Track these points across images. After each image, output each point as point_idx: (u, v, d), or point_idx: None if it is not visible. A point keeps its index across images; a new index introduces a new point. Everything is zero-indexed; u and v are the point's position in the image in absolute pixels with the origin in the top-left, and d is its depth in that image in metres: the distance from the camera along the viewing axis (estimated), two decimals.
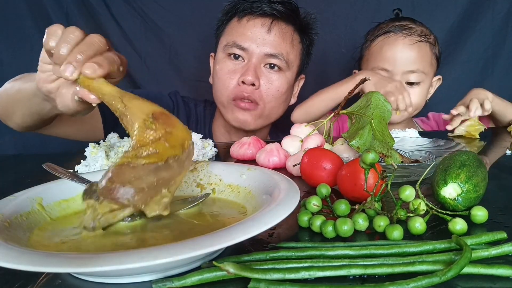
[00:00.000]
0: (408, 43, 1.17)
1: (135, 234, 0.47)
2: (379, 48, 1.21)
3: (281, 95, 1.18)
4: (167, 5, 1.57)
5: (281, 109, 1.23)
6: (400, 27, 1.20)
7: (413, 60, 1.17)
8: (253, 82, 1.12)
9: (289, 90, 1.21)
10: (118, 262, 0.33)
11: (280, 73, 1.16)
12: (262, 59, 1.14)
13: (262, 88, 1.14)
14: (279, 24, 1.15)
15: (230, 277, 0.38)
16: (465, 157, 0.55)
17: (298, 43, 1.19)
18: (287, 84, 1.18)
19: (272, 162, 0.81)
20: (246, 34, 1.13)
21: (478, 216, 0.50)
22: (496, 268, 0.38)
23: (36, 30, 1.51)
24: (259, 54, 1.13)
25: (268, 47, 1.13)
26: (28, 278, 0.41)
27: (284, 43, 1.15)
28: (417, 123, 1.39)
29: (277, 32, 1.14)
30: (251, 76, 1.11)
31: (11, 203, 0.50)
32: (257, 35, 1.13)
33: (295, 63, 1.19)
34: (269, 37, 1.13)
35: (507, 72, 1.62)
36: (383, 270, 0.39)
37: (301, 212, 0.52)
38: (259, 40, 1.13)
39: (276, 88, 1.16)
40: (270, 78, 1.15)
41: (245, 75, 1.12)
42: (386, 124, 0.77)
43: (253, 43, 1.13)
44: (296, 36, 1.18)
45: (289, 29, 1.16)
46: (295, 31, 1.18)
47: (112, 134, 0.86)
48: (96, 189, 0.47)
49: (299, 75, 1.26)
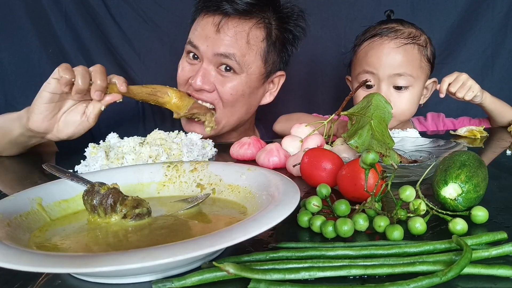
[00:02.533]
0: (393, 46, 1.14)
1: (137, 233, 0.47)
2: (364, 52, 1.18)
3: (237, 99, 1.09)
4: (167, 5, 1.57)
5: (242, 112, 1.13)
6: (387, 30, 1.17)
7: (399, 64, 1.14)
8: (201, 87, 1.05)
9: (249, 93, 1.11)
10: (118, 262, 0.33)
11: (233, 75, 1.06)
12: (213, 59, 1.05)
13: (217, 91, 1.07)
14: (232, 22, 1.04)
15: (230, 278, 0.38)
16: (465, 157, 0.55)
17: (259, 41, 1.07)
18: (243, 86, 1.08)
19: (272, 162, 0.81)
20: (198, 31, 1.06)
21: (478, 216, 0.50)
22: (497, 269, 0.38)
23: (34, 31, 1.50)
24: (209, 54, 1.04)
25: (217, 47, 1.03)
26: (28, 278, 0.41)
27: (237, 43, 1.04)
28: (413, 122, 1.38)
29: (230, 31, 1.03)
30: (200, 81, 1.04)
31: (11, 203, 0.50)
32: (208, 34, 1.04)
33: (254, 63, 1.07)
34: (219, 36, 1.03)
35: (507, 72, 1.62)
36: (384, 271, 0.39)
37: (301, 212, 0.52)
38: (210, 39, 1.04)
39: (229, 92, 1.07)
40: (223, 81, 1.06)
41: (193, 78, 1.05)
42: (386, 125, 0.77)
43: (204, 42, 1.04)
44: (256, 33, 1.06)
45: (245, 27, 1.05)
46: (255, 28, 1.06)
47: (112, 134, 0.86)
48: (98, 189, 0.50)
49: (270, 74, 1.14)
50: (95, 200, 0.50)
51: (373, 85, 1.16)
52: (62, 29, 1.52)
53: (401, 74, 1.13)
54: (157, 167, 0.63)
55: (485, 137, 1.09)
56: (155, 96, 0.98)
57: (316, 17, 1.53)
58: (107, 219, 0.50)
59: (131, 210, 0.50)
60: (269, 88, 1.18)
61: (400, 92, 1.15)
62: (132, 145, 0.81)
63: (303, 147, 0.82)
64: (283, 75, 1.19)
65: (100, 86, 0.86)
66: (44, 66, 1.52)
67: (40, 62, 1.52)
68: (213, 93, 1.07)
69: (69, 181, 0.57)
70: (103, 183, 0.52)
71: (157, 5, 1.57)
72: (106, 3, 1.54)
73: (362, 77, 1.17)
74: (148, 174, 0.62)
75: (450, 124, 1.38)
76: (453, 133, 1.16)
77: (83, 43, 1.55)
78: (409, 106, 1.17)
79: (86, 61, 1.56)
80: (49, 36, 1.51)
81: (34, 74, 1.53)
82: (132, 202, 0.50)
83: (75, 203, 0.55)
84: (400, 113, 1.16)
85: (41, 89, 0.85)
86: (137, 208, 0.50)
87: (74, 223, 0.52)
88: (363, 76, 1.17)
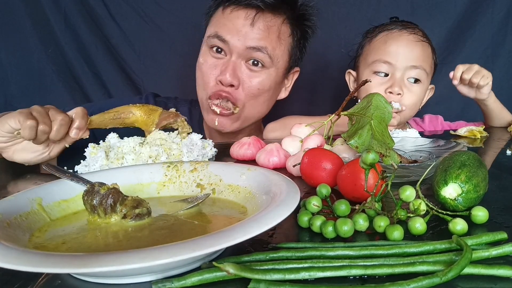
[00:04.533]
0: (412, 40, 1.17)
1: (137, 233, 0.47)
2: (382, 41, 1.19)
3: (263, 94, 1.11)
4: (167, 5, 1.57)
5: (264, 108, 1.16)
6: (403, 25, 1.20)
7: (416, 56, 1.16)
8: (231, 83, 1.06)
9: (274, 88, 1.14)
10: (118, 262, 0.33)
11: (263, 70, 1.09)
12: (243, 53, 1.06)
13: (242, 88, 1.08)
14: (265, 16, 1.07)
15: (230, 278, 0.38)
16: (465, 157, 0.55)
17: (287, 37, 1.11)
18: (270, 81, 1.11)
19: (272, 162, 0.81)
20: (228, 25, 1.06)
21: (478, 216, 0.50)
22: (497, 269, 0.38)
23: (34, 31, 1.50)
24: (240, 48, 1.05)
25: (250, 40, 1.05)
26: (28, 278, 0.41)
27: (269, 37, 1.07)
28: (409, 124, 1.38)
29: (262, 25, 1.06)
30: (229, 76, 1.05)
31: (11, 203, 0.50)
32: (240, 27, 1.05)
33: (282, 58, 1.11)
34: (253, 30, 1.05)
35: (507, 72, 1.62)
36: (384, 271, 0.39)
37: (301, 212, 0.52)
38: (242, 33, 1.05)
39: (256, 87, 1.09)
40: (251, 76, 1.08)
41: (223, 74, 1.05)
42: (386, 125, 0.77)
43: (235, 35, 1.05)
44: (285, 28, 1.10)
45: (277, 22, 1.08)
46: (284, 23, 1.10)
47: (112, 134, 0.86)
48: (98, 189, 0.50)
49: (291, 69, 1.18)
50: (95, 200, 0.50)
51: (388, 75, 1.17)
52: (61, 29, 1.52)
53: (417, 66, 1.16)
54: (157, 167, 0.63)
55: (485, 137, 1.09)
56: (120, 119, 0.90)
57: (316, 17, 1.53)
58: (107, 219, 0.50)
59: (131, 210, 0.50)
60: (284, 84, 1.20)
61: (413, 85, 1.17)
62: (132, 145, 0.80)
63: (303, 147, 0.82)
64: (298, 70, 1.22)
65: (79, 125, 0.81)
66: (44, 66, 1.53)
67: (40, 62, 1.52)
68: (238, 90, 1.08)
69: (69, 181, 0.57)
70: (103, 183, 0.52)
71: (157, 5, 1.57)
72: (106, 3, 1.54)
73: (377, 66, 1.18)
74: (148, 174, 0.62)
75: (447, 127, 1.38)
76: (453, 133, 1.16)
77: (82, 43, 1.55)
78: (416, 101, 1.19)
79: (85, 61, 1.56)
80: (48, 36, 1.51)
81: (34, 74, 1.53)
82: (132, 202, 0.50)
83: (75, 203, 0.55)
84: (409, 106, 1.17)
85: (6, 119, 0.78)
86: (137, 208, 0.50)
87: (74, 223, 0.52)
88: (378, 65, 1.18)
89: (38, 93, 1.52)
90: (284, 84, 1.21)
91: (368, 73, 1.20)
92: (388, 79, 1.17)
